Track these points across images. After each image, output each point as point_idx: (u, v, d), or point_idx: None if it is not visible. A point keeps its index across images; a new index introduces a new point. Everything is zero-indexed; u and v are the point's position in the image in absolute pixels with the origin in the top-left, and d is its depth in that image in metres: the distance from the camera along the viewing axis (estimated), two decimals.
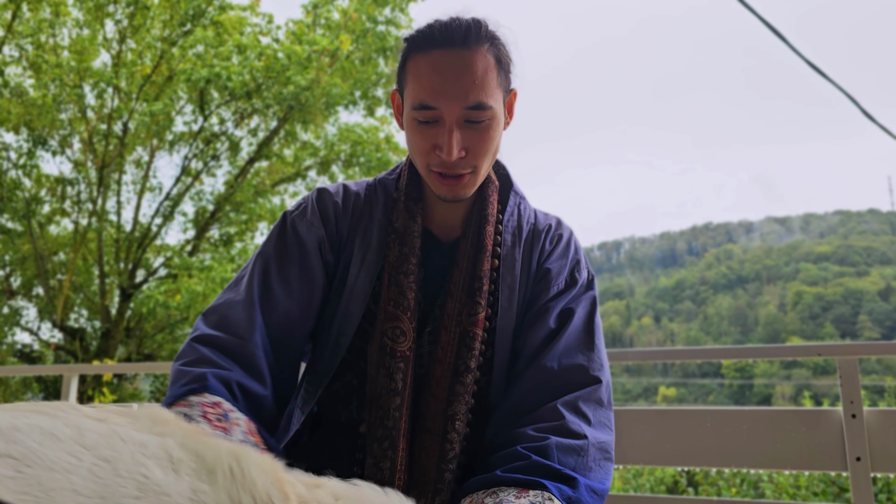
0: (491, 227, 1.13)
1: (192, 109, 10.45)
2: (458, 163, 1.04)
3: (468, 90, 1.01)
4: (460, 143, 1.02)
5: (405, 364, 1.05)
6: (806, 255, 68.27)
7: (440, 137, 1.03)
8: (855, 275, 59.78)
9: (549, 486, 0.90)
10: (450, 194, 1.07)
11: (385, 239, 1.13)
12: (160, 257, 10.88)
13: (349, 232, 1.15)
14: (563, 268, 1.14)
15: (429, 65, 1.03)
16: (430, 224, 1.16)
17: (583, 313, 1.12)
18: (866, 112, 4.47)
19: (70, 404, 0.58)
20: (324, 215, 1.15)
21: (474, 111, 1.02)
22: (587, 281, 1.17)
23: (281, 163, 10.96)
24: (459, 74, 1.01)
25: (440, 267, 1.13)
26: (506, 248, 1.13)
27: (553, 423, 0.99)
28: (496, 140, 1.06)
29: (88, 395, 8.34)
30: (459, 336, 1.08)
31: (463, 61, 1.01)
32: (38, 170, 10.27)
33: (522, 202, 1.20)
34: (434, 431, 1.05)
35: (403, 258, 1.10)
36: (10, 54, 9.72)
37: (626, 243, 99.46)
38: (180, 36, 10.01)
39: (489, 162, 1.08)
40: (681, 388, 42.35)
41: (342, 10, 10.22)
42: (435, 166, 1.05)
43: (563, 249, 1.17)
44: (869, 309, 53.89)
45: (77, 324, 10.69)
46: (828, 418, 1.81)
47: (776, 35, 3.61)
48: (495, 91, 1.04)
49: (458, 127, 1.02)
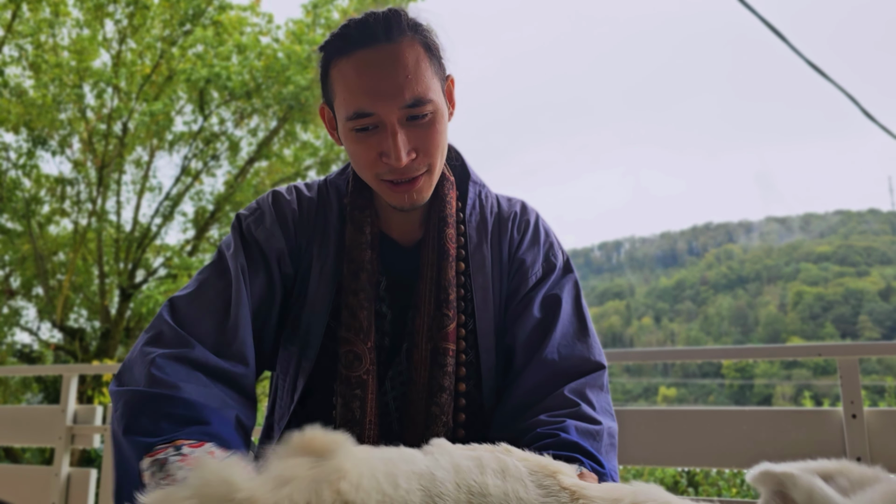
0: (452, 228, 1.05)
1: (191, 109, 10.45)
2: (409, 166, 0.95)
3: (403, 87, 0.92)
4: (407, 145, 0.94)
5: (362, 391, 0.97)
6: (806, 255, 68.29)
7: (384, 143, 0.94)
8: (855, 275, 59.79)
9: (584, 462, 0.86)
10: (407, 203, 0.98)
11: (342, 250, 1.04)
12: (160, 257, 10.88)
13: (307, 242, 1.06)
14: (536, 255, 1.08)
15: (354, 68, 0.94)
16: (387, 229, 1.08)
17: (569, 298, 1.06)
18: (866, 112, 4.47)
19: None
20: (283, 224, 1.05)
21: (414, 108, 0.93)
22: (564, 263, 1.11)
23: (281, 163, 10.96)
24: (389, 72, 0.92)
25: (406, 274, 1.05)
26: (472, 245, 1.06)
27: (568, 409, 0.94)
28: (443, 133, 0.98)
29: (88, 395, 8.34)
30: (430, 353, 1.00)
31: (390, 56, 0.93)
32: (38, 170, 10.26)
33: (483, 190, 1.12)
34: None
35: (352, 275, 1.01)
36: (10, 54, 9.72)
37: (626, 243, 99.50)
38: (180, 36, 10.01)
39: (441, 158, 1.00)
40: (681, 388, 42.35)
41: (342, 10, 10.22)
42: (385, 175, 0.97)
43: (533, 236, 1.10)
44: (869, 309, 53.90)
45: (77, 324, 10.69)
46: (828, 418, 1.81)
47: (776, 35, 3.61)
48: (431, 82, 0.96)
49: (400, 128, 0.94)
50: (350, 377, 0.98)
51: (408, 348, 1.03)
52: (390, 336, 1.04)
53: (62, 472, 2.60)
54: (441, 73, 1.01)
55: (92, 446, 2.65)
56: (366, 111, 0.93)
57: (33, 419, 2.74)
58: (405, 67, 0.93)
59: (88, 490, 2.60)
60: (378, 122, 0.94)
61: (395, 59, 0.93)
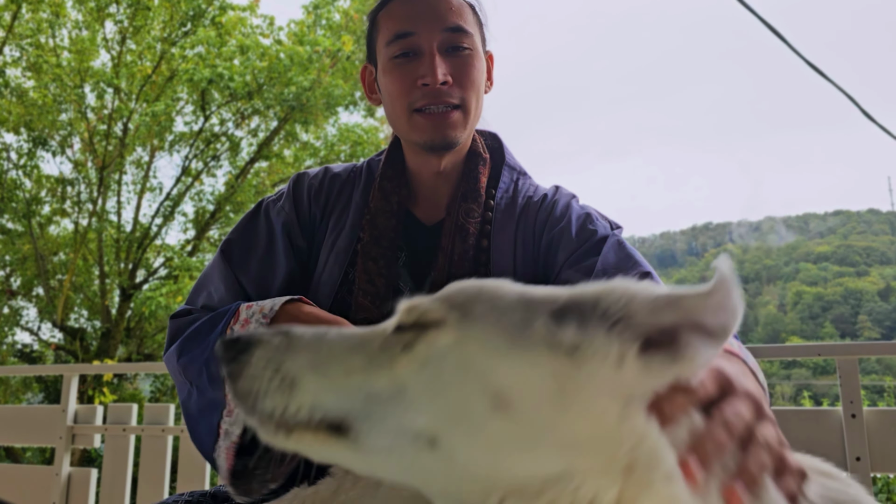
0: (476, 205, 1.02)
1: (192, 110, 10.45)
2: (443, 91, 0.95)
3: (445, 13, 0.95)
4: (444, 67, 0.94)
5: None
6: (806, 255, 68.23)
7: (421, 67, 0.95)
8: (855, 275, 59.74)
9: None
10: (436, 135, 0.96)
11: (360, 222, 1.03)
12: (160, 257, 10.88)
13: (322, 215, 1.06)
14: (567, 229, 1.00)
15: (400, 2, 0.98)
16: (412, 206, 1.07)
17: (611, 253, 0.95)
18: (866, 112, 4.46)
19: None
20: (297, 198, 1.07)
21: (454, 34, 0.95)
22: (608, 229, 1.01)
23: (281, 163, 10.96)
24: (434, 1, 0.96)
25: (426, 253, 1.03)
26: (496, 226, 1.02)
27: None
28: (480, 75, 0.98)
29: (89, 395, 8.34)
30: None
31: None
32: (39, 170, 10.27)
33: (522, 178, 1.09)
34: None
35: (373, 241, 1.00)
36: (11, 55, 9.73)
37: None
38: (180, 36, 10.02)
39: (476, 102, 0.99)
40: None
41: (343, 11, 10.23)
42: (418, 101, 0.96)
43: (563, 211, 1.03)
44: (869, 309, 53.85)
45: (77, 324, 10.69)
46: (827, 418, 1.81)
47: (776, 35, 3.61)
48: (474, 28, 0.98)
49: (439, 52, 0.95)
50: None
51: None
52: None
53: (62, 471, 2.60)
54: (482, 36, 1.02)
55: (92, 446, 2.65)
56: (407, 30, 0.95)
57: (34, 419, 2.74)
58: (450, 1, 0.96)
59: (89, 490, 2.60)
60: (417, 47, 0.95)
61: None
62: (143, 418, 2.68)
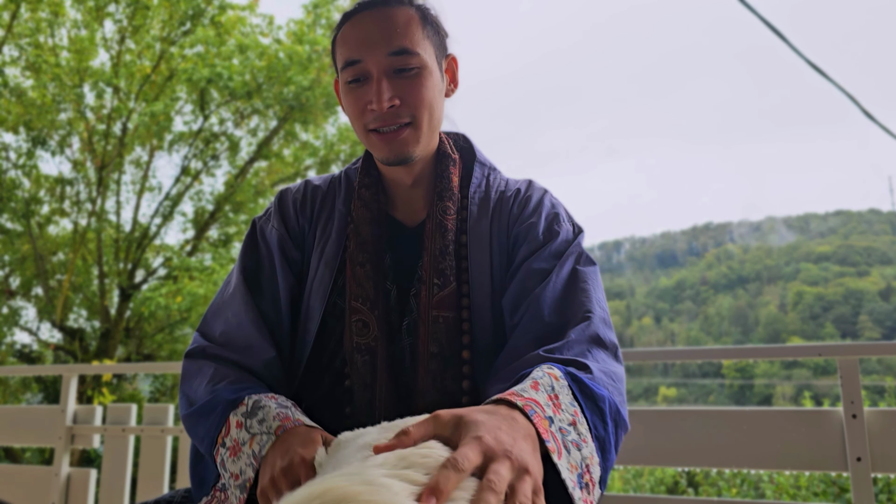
0: (452, 202, 1.08)
1: (191, 109, 10.45)
2: (392, 112, 1.00)
3: (390, 37, 0.99)
4: (389, 92, 0.99)
5: (371, 356, 1.01)
6: (806, 255, 68.26)
7: (370, 92, 1.01)
8: (855, 275, 59.76)
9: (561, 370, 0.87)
10: (391, 154, 1.03)
11: (345, 230, 1.10)
12: (160, 257, 10.88)
13: (310, 225, 1.12)
14: (536, 226, 1.06)
15: (350, 26, 1.03)
16: (393, 211, 1.13)
17: (566, 268, 1.03)
18: (867, 112, 4.47)
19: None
20: (283, 214, 1.13)
21: (399, 57, 1.00)
22: (571, 233, 1.08)
23: (280, 163, 10.96)
24: (379, 25, 1.00)
25: (410, 254, 1.08)
26: (472, 220, 1.08)
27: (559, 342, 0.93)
28: (430, 90, 1.02)
29: (88, 395, 8.34)
30: (432, 321, 1.02)
31: (382, 14, 1.01)
32: (38, 170, 10.26)
33: (492, 173, 1.15)
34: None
35: (359, 248, 1.06)
36: (10, 55, 9.72)
37: (626, 243, 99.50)
38: (179, 36, 10.01)
39: (428, 116, 1.03)
40: (681, 388, 42.36)
41: (342, 11, 10.22)
42: (371, 124, 1.02)
43: (534, 209, 1.09)
44: (869, 309, 53.88)
45: (76, 324, 10.69)
46: (828, 418, 1.81)
47: (777, 35, 3.61)
48: (422, 42, 1.02)
49: (386, 77, 1.00)
50: (361, 344, 1.03)
51: (409, 323, 1.05)
52: (395, 311, 1.06)
53: (62, 472, 2.60)
54: (438, 43, 1.07)
55: (92, 446, 2.65)
56: (354, 58, 1.01)
57: (33, 419, 2.74)
58: (393, 22, 1.01)
59: (88, 490, 2.60)
60: (366, 73, 1.01)
61: (386, 16, 1.01)
62: (142, 419, 2.68)
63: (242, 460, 0.90)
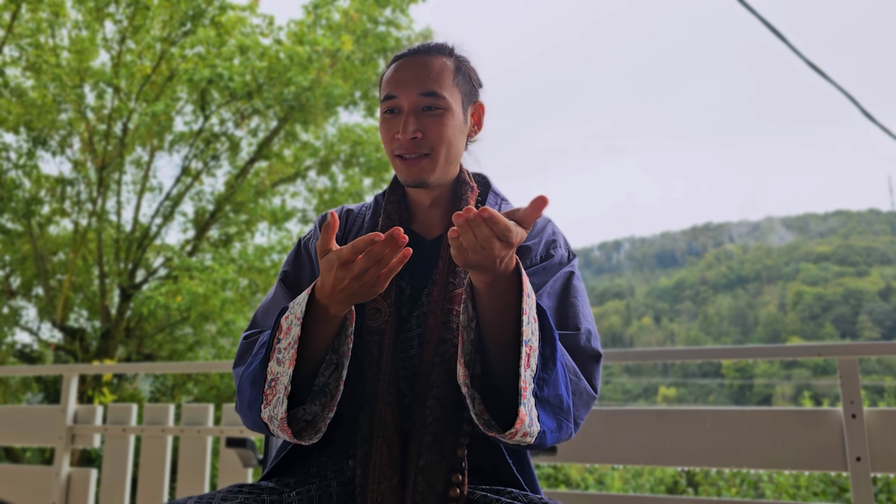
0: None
1: (192, 110, 10.45)
2: (413, 143, 1.16)
3: (423, 80, 1.17)
4: (414, 126, 1.16)
5: (380, 337, 1.13)
6: (806, 255, 68.20)
7: (399, 124, 1.18)
8: (855, 275, 59.71)
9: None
10: (409, 177, 1.19)
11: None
12: (160, 257, 10.88)
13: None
14: (537, 246, 1.21)
15: (395, 68, 1.22)
16: (413, 224, 1.28)
17: (556, 288, 1.18)
18: (866, 112, 4.47)
19: None
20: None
21: (427, 98, 1.16)
22: (565, 258, 1.23)
23: (281, 163, 10.96)
24: (416, 70, 1.19)
25: (425, 261, 1.22)
26: None
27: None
28: (450, 130, 1.18)
29: (88, 395, 8.34)
30: (442, 315, 1.14)
31: (420, 60, 1.20)
32: (38, 170, 10.26)
33: (503, 203, 1.30)
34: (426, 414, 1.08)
35: None
36: (11, 55, 9.72)
37: (626, 243, 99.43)
38: (180, 36, 10.02)
39: (446, 151, 1.19)
40: (681, 388, 42.33)
41: (343, 11, 10.22)
42: (397, 150, 1.19)
43: (538, 232, 1.24)
44: (869, 309, 53.83)
45: (77, 324, 10.69)
46: (828, 418, 1.81)
47: (776, 35, 3.61)
48: (451, 88, 1.19)
49: (413, 114, 1.17)
50: (372, 326, 1.14)
51: (419, 315, 1.16)
52: (407, 305, 1.18)
53: (62, 472, 2.61)
54: (467, 91, 1.24)
55: (92, 446, 2.65)
56: (391, 94, 1.19)
57: (33, 419, 2.74)
58: (428, 68, 1.19)
59: (88, 490, 2.60)
60: (399, 107, 1.19)
61: (424, 62, 1.20)
62: (142, 418, 2.68)
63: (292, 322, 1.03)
